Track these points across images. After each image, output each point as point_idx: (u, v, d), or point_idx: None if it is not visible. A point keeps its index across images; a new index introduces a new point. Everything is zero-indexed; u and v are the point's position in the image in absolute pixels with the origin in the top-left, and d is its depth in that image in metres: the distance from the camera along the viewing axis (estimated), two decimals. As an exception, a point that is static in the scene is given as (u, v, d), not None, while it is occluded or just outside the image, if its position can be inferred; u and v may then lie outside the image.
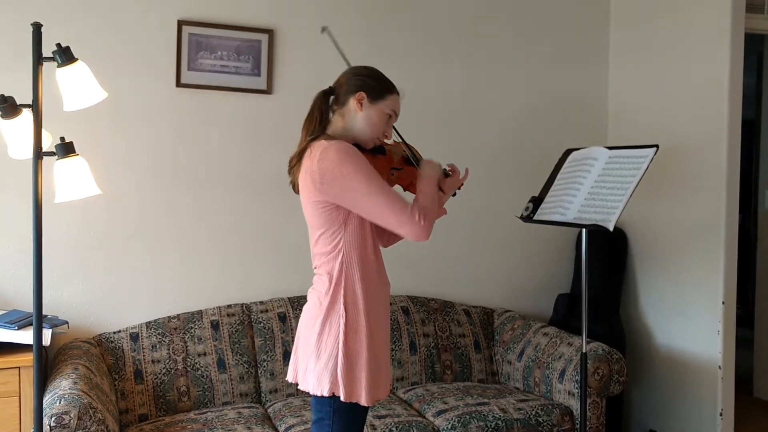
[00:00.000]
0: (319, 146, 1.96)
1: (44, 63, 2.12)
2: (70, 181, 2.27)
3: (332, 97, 2.09)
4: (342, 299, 1.98)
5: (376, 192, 1.91)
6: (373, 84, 2.05)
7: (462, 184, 2.26)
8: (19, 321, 2.68)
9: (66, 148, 2.28)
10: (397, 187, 2.20)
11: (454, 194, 2.29)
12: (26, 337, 2.62)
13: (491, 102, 3.76)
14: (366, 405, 2.01)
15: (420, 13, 3.61)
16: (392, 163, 2.15)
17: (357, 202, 1.93)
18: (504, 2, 3.77)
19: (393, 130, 2.15)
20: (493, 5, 3.75)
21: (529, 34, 3.83)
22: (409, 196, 2.19)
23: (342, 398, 1.96)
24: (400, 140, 2.18)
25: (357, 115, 2.04)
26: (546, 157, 3.17)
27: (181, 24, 3.17)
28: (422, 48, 3.61)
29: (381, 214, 1.93)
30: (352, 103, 2.04)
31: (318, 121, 2.05)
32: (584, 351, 2.73)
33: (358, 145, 2.08)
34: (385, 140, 2.14)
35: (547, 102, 3.87)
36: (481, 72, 3.74)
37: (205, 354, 3.06)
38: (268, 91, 3.33)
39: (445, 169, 2.19)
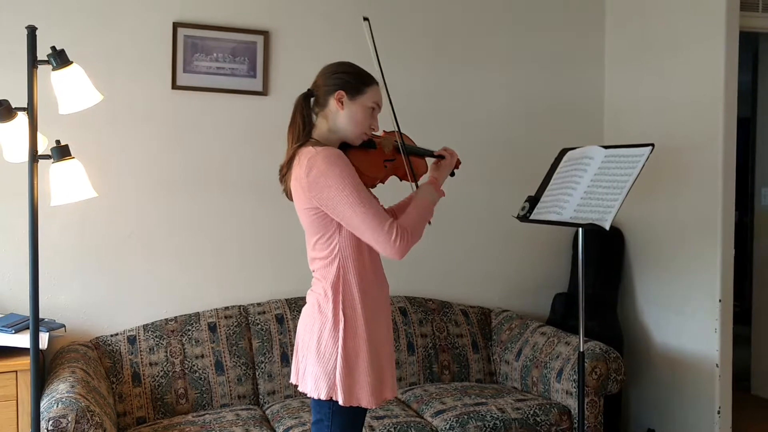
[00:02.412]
0: (307, 153, 1.95)
1: (39, 66, 2.11)
2: (66, 184, 2.27)
3: (312, 100, 2.08)
4: (340, 304, 1.98)
5: (356, 203, 1.90)
6: (350, 80, 2.03)
7: (459, 163, 2.26)
8: (15, 324, 2.68)
9: (62, 151, 2.27)
10: (394, 178, 2.20)
11: (453, 174, 2.29)
12: (23, 340, 2.62)
13: (488, 102, 3.77)
14: (369, 407, 2.01)
15: (416, 15, 3.61)
16: (384, 155, 2.14)
17: (338, 212, 1.93)
18: (500, 4, 3.78)
19: (392, 117, 2.13)
20: (489, 7, 3.75)
21: (525, 35, 3.84)
22: (407, 186, 2.19)
23: (341, 402, 1.96)
24: (395, 128, 2.16)
25: (339, 115, 2.03)
26: (542, 157, 3.17)
27: (176, 26, 3.17)
28: (418, 50, 3.61)
29: (358, 227, 1.92)
30: (333, 103, 2.03)
31: (302, 127, 2.03)
32: (581, 350, 2.73)
33: (348, 144, 2.08)
34: (374, 132, 2.13)
35: (543, 102, 3.88)
36: (478, 73, 3.74)
37: (202, 356, 3.06)
38: (263, 92, 3.33)
39: (431, 152, 2.21)
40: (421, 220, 2.02)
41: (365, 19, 2.15)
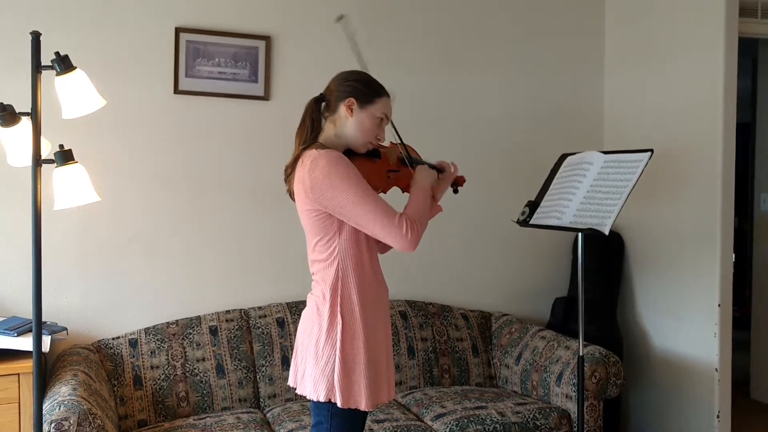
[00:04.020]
0: (310, 155, 1.98)
1: (43, 71, 2.13)
2: (69, 189, 2.29)
3: (323, 104, 2.11)
4: (339, 306, 2.00)
5: (363, 202, 1.92)
6: (362, 89, 2.06)
7: (462, 180, 2.28)
8: (18, 327, 2.69)
9: (65, 156, 2.29)
10: (395, 189, 2.21)
11: (456, 191, 2.30)
12: (26, 343, 2.63)
13: (487, 107, 3.78)
14: (366, 410, 2.02)
15: (417, 20, 3.63)
16: (388, 165, 2.16)
17: (345, 212, 1.95)
18: (499, 9, 3.80)
19: (393, 130, 2.15)
20: (488, 11, 3.77)
21: (525, 40, 3.85)
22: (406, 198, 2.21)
23: (339, 404, 1.98)
24: (398, 141, 2.18)
25: (348, 121, 2.06)
26: (542, 162, 3.19)
27: (178, 31, 3.19)
28: (417, 54, 3.63)
29: (367, 224, 1.95)
30: (343, 109, 2.05)
31: (310, 129, 2.06)
32: (581, 354, 2.74)
33: (353, 151, 2.10)
34: (380, 143, 2.15)
35: (543, 107, 3.89)
36: (477, 78, 3.76)
37: (203, 359, 3.07)
38: (265, 97, 3.35)
39: (434, 166, 2.22)
40: (424, 206, 2.04)
41: (340, 17, 2.18)
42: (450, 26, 3.70)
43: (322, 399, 1.98)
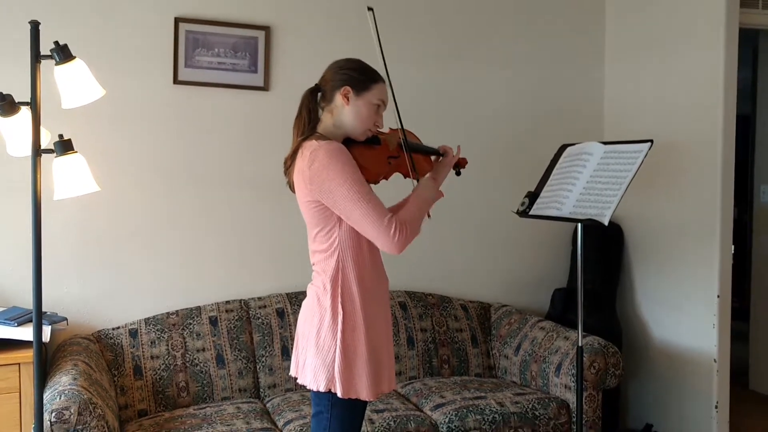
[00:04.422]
0: (310, 147, 1.97)
1: (42, 61, 2.13)
2: (69, 179, 2.29)
3: (319, 95, 2.10)
4: (339, 297, 2.00)
5: (356, 198, 1.91)
6: (357, 76, 2.06)
7: (464, 162, 2.28)
8: (18, 318, 2.70)
9: (64, 146, 2.30)
10: (397, 175, 2.21)
11: (459, 173, 2.30)
12: (26, 333, 2.63)
13: (488, 102, 3.77)
14: (367, 400, 2.03)
15: (417, 13, 3.61)
16: (388, 151, 2.16)
17: (338, 206, 1.94)
18: (500, 4, 3.78)
19: (396, 114, 2.14)
20: (490, 7, 3.76)
21: (526, 32, 3.84)
22: (410, 184, 2.20)
23: (339, 394, 1.98)
24: (399, 125, 2.17)
25: (345, 110, 2.05)
26: (542, 153, 3.18)
27: (178, 21, 3.18)
28: (420, 47, 3.62)
29: (357, 220, 1.94)
30: (339, 98, 2.05)
31: (307, 120, 2.06)
32: (580, 344, 2.75)
33: (352, 139, 2.09)
34: (379, 129, 2.15)
35: (544, 98, 3.88)
36: (478, 70, 3.75)
37: (203, 350, 3.07)
38: (265, 87, 3.34)
39: (437, 150, 2.23)
40: (419, 214, 2.04)
41: (369, 9, 2.16)
42: (450, 22, 3.68)
43: (322, 389, 1.99)
